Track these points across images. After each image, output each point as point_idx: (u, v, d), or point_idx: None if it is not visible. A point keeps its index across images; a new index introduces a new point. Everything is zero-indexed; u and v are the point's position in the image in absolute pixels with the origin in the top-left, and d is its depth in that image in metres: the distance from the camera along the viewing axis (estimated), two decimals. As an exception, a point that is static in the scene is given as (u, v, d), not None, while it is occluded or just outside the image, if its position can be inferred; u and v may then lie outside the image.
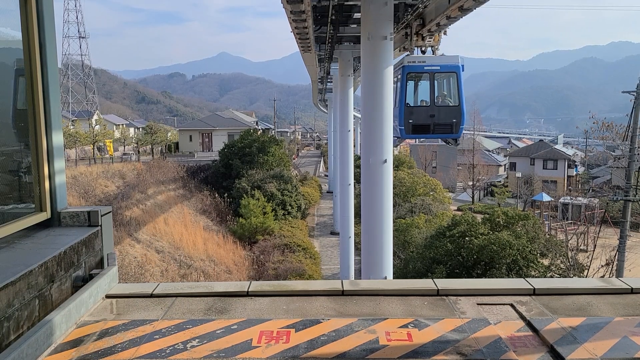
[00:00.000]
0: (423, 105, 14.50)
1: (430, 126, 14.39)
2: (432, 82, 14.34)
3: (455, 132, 14.52)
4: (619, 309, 4.64)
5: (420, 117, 14.30)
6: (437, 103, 14.44)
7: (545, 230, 30.72)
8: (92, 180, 32.54)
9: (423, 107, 14.46)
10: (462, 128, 14.55)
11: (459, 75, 14.41)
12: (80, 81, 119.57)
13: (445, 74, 14.64)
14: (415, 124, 14.26)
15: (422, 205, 37.54)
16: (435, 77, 14.39)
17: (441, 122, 14.32)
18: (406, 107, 14.20)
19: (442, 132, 14.70)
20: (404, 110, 14.15)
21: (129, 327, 4.30)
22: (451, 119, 14.27)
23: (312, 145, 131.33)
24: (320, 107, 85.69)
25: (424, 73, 14.44)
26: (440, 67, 14.50)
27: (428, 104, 14.38)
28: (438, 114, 14.31)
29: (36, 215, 4.78)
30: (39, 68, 4.65)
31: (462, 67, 14.47)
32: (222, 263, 28.03)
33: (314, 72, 42.07)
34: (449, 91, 14.81)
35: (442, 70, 14.51)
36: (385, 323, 4.37)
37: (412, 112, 14.30)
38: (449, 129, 14.43)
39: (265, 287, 5.19)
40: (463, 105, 14.40)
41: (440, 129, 14.46)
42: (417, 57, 15.19)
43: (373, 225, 13.75)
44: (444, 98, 14.68)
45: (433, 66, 14.45)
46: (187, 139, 63.87)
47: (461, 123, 14.38)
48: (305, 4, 16.09)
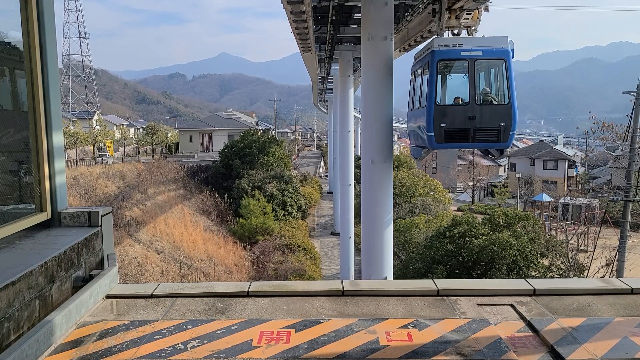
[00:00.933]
0: (459, 104, 11.10)
1: (470, 132, 10.83)
2: (472, 73, 10.85)
3: (504, 140, 10.99)
4: (619, 309, 4.64)
5: (457, 120, 10.83)
6: (478, 101, 10.97)
7: (545, 231, 30.73)
8: (93, 180, 32.53)
9: (460, 107, 11.03)
10: (513, 135, 11.07)
11: (508, 62, 10.91)
12: (80, 81, 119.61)
13: (490, 61, 11.18)
14: (449, 129, 10.78)
15: (422, 206, 37.54)
16: (476, 66, 10.89)
17: (485, 127, 10.87)
18: (437, 107, 10.77)
19: (485, 140, 11.11)
20: (433, 112, 10.73)
21: (129, 327, 4.30)
22: (498, 122, 10.84)
23: (312, 146, 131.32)
24: (320, 108, 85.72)
25: (461, 60, 10.95)
26: (482, 52, 10.88)
27: (466, 103, 10.94)
28: (480, 115, 10.83)
29: (36, 215, 4.78)
30: (39, 68, 4.65)
31: (512, 52, 10.96)
32: (223, 263, 28.03)
33: (314, 73, 42.09)
34: (495, 84, 11.50)
35: (485, 57, 10.95)
36: (386, 323, 4.37)
37: (445, 113, 10.86)
38: (495, 136, 10.95)
39: (266, 288, 5.19)
40: (514, 103, 10.95)
41: (484, 136, 10.95)
42: (450, 39, 11.51)
43: (373, 225, 13.75)
44: (488, 94, 11.30)
45: (473, 51, 10.86)
46: (187, 139, 63.89)
47: (512, 128, 10.91)
48: (306, 4, 16.11)
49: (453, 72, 11.78)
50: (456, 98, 11.23)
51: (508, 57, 10.92)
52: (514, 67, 11.12)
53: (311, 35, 22.76)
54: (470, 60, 10.85)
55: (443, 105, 11.05)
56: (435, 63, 10.82)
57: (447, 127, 10.81)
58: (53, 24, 4.85)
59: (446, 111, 10.96)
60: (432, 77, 10.83)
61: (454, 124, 10.88)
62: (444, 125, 10.79)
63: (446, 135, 10.84)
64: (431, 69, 10.86)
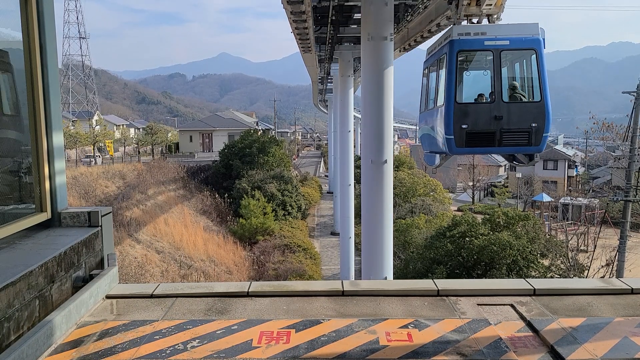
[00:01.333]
0: (483, 103, 9.67)
1: (496, 135, 9.39)
2: (498, 66, 9.39)
3: (536, 144, 9.51)
4: (619, 309, 4.64)
5: (480, 120, 9.42)
6: (505, 98, 9.50)
7: (545, 231, 30.73)
8: (93, 180, 32.53)
9: (484, 106, 9.59)
10: (547, 137, 9.58)
11: (540, 53, 9.41)
12: (80, 82, 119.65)
13: (519, 51, 9.72)
14: (471, 131, 9.35)
15: (422, 206, 37.55)
16: (502, 58, 9.44)
17: (513, 128, 9.43)
18: (457, 106, 9.36)
19: (514, 144, 9.61)
20: (453, 111, 9.34)
21: (129, 327, 4.30)
22: (528, 123, 9.40)
23: (312, 146, 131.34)
24: (320, 108, 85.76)
25: (485, 51, 9.51)
26: (510, 41, 9.39)
27: (491, 100, 9.48)
28: (508, 115, 9.40)
29: (36, 215, 4.78)
30: (39, 69, 4.65)
31: (543, 41, 9.49)
32: (223, 263, 28.03)
33: (314, 73, 42.10)
34: (525, 79, 10.03)
35: (513, 47, 9.47)
36: (386, 323, 4.38)
37: (467, 113, 9.44)
38: (525, 139, 9.48)
39: (266, 288, 5.19)
40: (547, 100, 9.48)
41: (512, 139, 9.49)
42: (471, 26, 9.91)
43: (373, 225, 13.76)
44: (516, 90, 9.80)
45: (499, 40, 9.37)
46: (187, 139, 63.92)
47: (545, 129, 9.45)
48: (306, 4, 16.11)
49: (475, 66, 10.38)
50: (479, 95, 9.83)
51: (539, 47, 9.42)
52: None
53: (311, 35, 22.77)
54: (495, 51, 9.35)
55: (464, 103, 9.57)
56: (454, 55, 9.34)
57: (469, 128, 9.36)
58: (53, 24, 4.85)
59: (468, 110, 9.50)
60: (451, 71, 9.35)
61: (477, 125, 9.43)
62: (466, 126, 9.36)
63: (468, 138, 9.39)
64: (449, 61, 9.39)
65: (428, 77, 11.13)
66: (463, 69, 9.94)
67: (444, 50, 9.77)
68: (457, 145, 9.47)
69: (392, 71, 13.56)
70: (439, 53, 10.15)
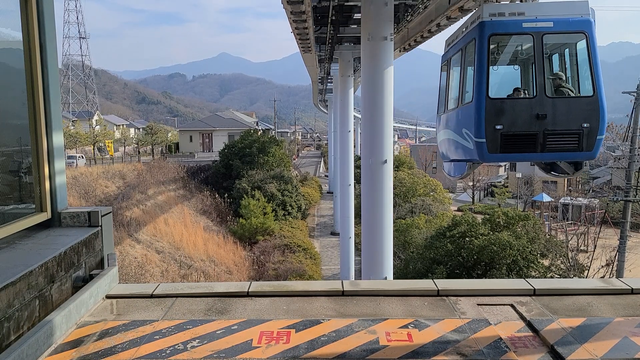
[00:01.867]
0: (522, 98, 8.06)
1: (538, 137, 7.61)
2: (540, 53, 7.69)
3: (588, 149, 7.73)
4: (619, 309, 4.64)
5: (519, 120, 7.67)
6: (549, 92, 7.75)
7: (545, 231, 30.73)
8: (93, 180, 32.54)
9: (523, 102, 7.88)
10: (601, 140, 7.83)
11: (591, 37, 7.72)
12: (80, 82, 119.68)
13: (565, 35, 8.00)
14: (508, 133, 7.61)
15: (422, 206, 37.55)
16: (544, 43, 7.72)
17: (560, 129, 7.66)
18: (490, 103, 7.63)
19: (560, 149, 7.79)
20: (485, 108, 7.64)
21: (129, 327, 4.30)
22: (579, 123, 7.64)
23: (312, 146, 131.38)
24: (320, 108, 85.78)
25: (523, 35, 7.86)
26: (554, 22, 7.71)
27: (532, 96, 7.80)
28: (553, 113, 7.65)
29: (36, 215, 4.78)
30: (39, 68, 4.65)
31: (593, 22, 7.85)
32: (223, 263, 28.03)
33: (314, 73, 42.11)
34: (573, 69, 8.32)
35: (558, 29, 7.78)
36: (386, 323, 4.38)
37: (503, 110, 7.70)
38: (574, 142, 7.70)
39: (266, 288, 5.19)
40: (602, 95, 7.74)
41: (559, 143, 7.72)
42: (505, 5, 8.21)
43: (373, 225, 13.76)
44: (563, 83, 8.06)
45: (541, 22, 7.69)
46: (187, 139, 63.93)
47: (600, 130, 7.73)
48: (306, 4, 16.12)
49: (511, 53, 8.78)
50: (516, 90, 8.26)
51: (590, 30, 7.72)
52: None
53: (311, 35, 22.78)
54: (536, 34, 7.66)
55: (499, 99, 7.83)
56: (485, 39, 7.64)
57: (504, 130, 7.58)
58: (53, 24, 4.85)
59: (503, 107, 7.72)
60: (482, 60, 7.63)
61: (515, 126, 7.64)
62: (501, 127, 7.58)
63: (504, 142, 7.59)
64: (480, 48, 7.68)
65: (449, 71, 9.40)
66: (496, 56, 8.43)
67: (472, 35, 8.03)
68: (490, 151, 7.66)
69: (392, 71, 13.55)
70: (464, 40, 8.41)
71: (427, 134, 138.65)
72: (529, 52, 8.16)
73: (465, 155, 8.61)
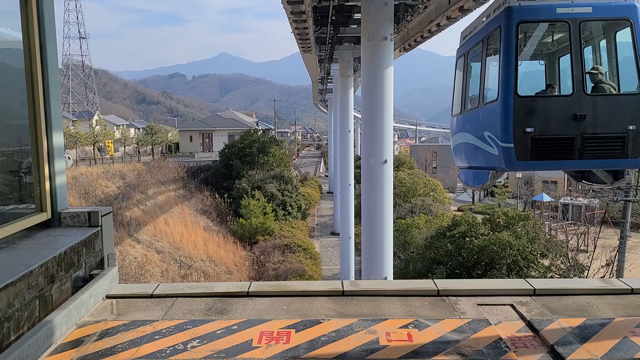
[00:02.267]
0: (557, 96, 7.16)
1: (576, 142, 6.49)
2: (577, 43, 6.56)
3: (635, 155, 6.61)
4: (619, 309, 4.64)
5: (553, 121, 6.52)
6: (588, 89, 6.60)
7: (545, 231, 30.72)
8: (93, 180, 32.54)
9: (558, 100, 6.85)
10: None
11: (637, 24, 6.63)
12: (80, 82, 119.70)
13: (606, 22, 6.97)
14: (541, 136, 6.48)
15: (422, 206, 37.55)
16: (582, 31, 6.62)
17: (602, 133, 6.53)
18: (519, 101, 6.54)
19: (602, 155, 6.67)
20: (513, 108, 6.54)
21: (129, 327, 4.30)
22: (624, 124, 6.55)
23: (312, 146, 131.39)
24: (320, 108, 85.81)
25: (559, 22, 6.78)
26: (593, 8, 6.69)
27: (568, 93, 6.68)
28: (594, 113, 6.52)
29: (36, 215, 4.78)
30: (39, 69, 4.65)
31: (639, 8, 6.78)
32: (223, 263, 28.03)
33: (314, 73, 42.13)
34: (612, 63, 7.19)
35: (598, 16, 6.75)
36: (386, 323, 4.37)
37: (534, 110, 6.57)
38: (618, 148, 6.60)
39: (266, 288, 5.19)
40: None
41: (600, 148, 6.59)
42: None
43: (373, 225, 13.76)
44: (604, 78, 6.91)
45: (577, 7, 6.62)
46: (187, 139, 63.94)
47: None
48: (306, 4, 16.12)
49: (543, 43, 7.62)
50: (549, 86, 7.40)
51: (636, 16, 6.61)
52: None
53: (311, 35, 22.79)
54: (572, 21, 6.53)
55: (529, 97, 6.73)
56: (513, 27, 6.51)
57: (536, 133, 6.43)
58: (53, 24, 4.85)
59: (534, 107, 6.56)
60: (509, 51, 6.52)
61: (549, 128, 6.49)
62: (532, 130, 6.44)
63: (535, 148, 6.46)
64: (506, 37, 6.56)
65: (466, 67, 8.34)
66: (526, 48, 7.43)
67: (496, 23, 6.90)
68: (519, 158, 6.50)
69: (392, 71, 13.56)
70: (486, 29, 7.27)
71: (427, 134, 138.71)
72: (564, 41, 7.04)
73: (487, 163, 7.39)
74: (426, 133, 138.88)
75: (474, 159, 8.01)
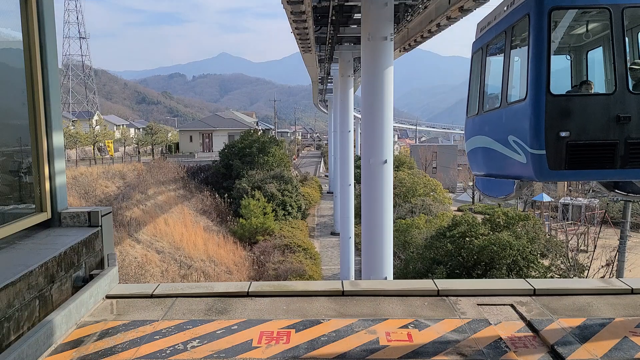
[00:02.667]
0: (596, 94, 6.16)
1: (619, 148, 5.61)
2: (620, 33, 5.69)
3: None
4: (619, 309, 4.64)
5: (592, 124, 5.67)
6: (632, 87, 5.71)
7: (545, 231, 30.72)
8: (93, 180, 32.55)
9: (597, 99, 5.86)
10: None
11: None
12: (80, 82, 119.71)
13: None
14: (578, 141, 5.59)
15: (422, 206, 37.55)
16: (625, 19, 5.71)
17: None
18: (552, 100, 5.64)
19: None
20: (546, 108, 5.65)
21: (129, 327, 4.30)
22: None
23: (312, 146, 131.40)
24: (320, 108, 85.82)
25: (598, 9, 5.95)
26: None
27: (610, 91, 5.77)
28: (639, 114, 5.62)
29: (36, 215, 4.78)
30: (39, 69, 4.65)
31: None
32: (223, 263, 28.03)
33: (314, 73, 42.12)
34: None
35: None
36: (386, 323, 4.37)
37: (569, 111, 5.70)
38: None
39: (266, 288, 5.19)
40: None
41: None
42: None
43: (373, 225, 13.76)
44: None
45: None
46: (187, 139, 63.96)
47: None
48: (306, 4, 16.12)
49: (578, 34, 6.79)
50: (585, 83, 6.43)
51: None
52: None
53: (311, 35, 22.79)
54: (614, 7, 5.67)
55: (564, 96, 5.92)
56: (545, 15, 5.61)
57: (572, 138, 5.55)
58: (53, 24, 4.85)
59: (570, 107, 5.68)
60: (540, 44, 5.61)
61: (587, 132, 5.62)
62: (567, 134, 5.55)
63: (571, 155, 5.57)
64: (537, 27, 5.65)
65: (484, 62, 7.35)
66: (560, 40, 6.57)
67: (523, 10, 6.06)
68: (552, 167, 5.60)
69: (392, 71, 13.56)
70: (511, 18, 6.35)
71: (427, 134, 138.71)
72: (603, 31, 6.30)
73: (512, 171, 6.46)
74: (426, 133, 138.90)
75: (494, 167, 7.08)
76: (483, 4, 15.60)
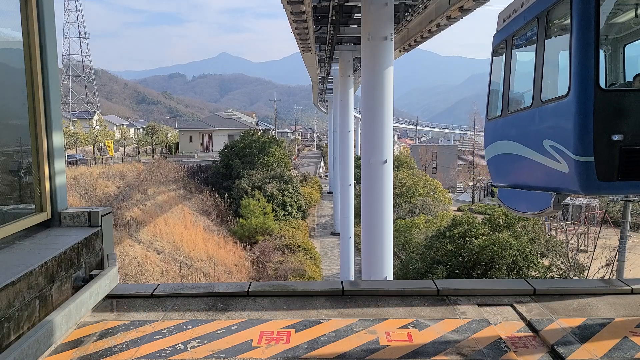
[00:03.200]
0: None
1: None
2: None
3: None
4: (619, 309, 4.64)
5: None
6: None
7: (545, 231, 30.72)
8: (93, 180, 32.55)
9: None
10: None
11: None
12: (80, 82, 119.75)
13: None
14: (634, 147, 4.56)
15: (422, 206, 37.54)
16: None
17: None
18: (601, 96, 4.57)
19: None
20: (594, 107, 4.55)
21: (129, 327, 4.30)
22: None
23: (312, 146, 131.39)
24: (320, 108, 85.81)
25: None
26: None
27: None
28: None
29: (37, 215, 4.78)
30: (39, 69, 4.65)
31: None
32: (223, 263, 28.03)
33: (314, 73, 42.12)
34: None
35: None
36: (386, 323, 4.37)
37: (623, 110, 4.60)
38: None
39: (266, 288, 5.19)
40: None
41: None
42: None
43: (373, 225, 13.76)
44: None
45: None
46: (187, 139, 63.99)
47: None
48: (306, 4, 16.12)
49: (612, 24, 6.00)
50: (637, 77, 5.45)
51: None
52: None
53: (311, 35, 22.79)
54: None
55: (618, 91, 5.17)
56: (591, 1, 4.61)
57: (627, 142, 4.60)
58: (53, 24, 4.85)
59: (624, 105, 4.65)
60: (587, 29, 4.61)
61: None
62: (620, 137, 4.59)
63: (626, 163, 4.65)
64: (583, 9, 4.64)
65: (509, 56, 6.34)
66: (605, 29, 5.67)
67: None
68: (602, 177, 4.67)
69: (392, 71, 13.56)
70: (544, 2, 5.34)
71: (427, 134, 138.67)
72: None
73: (548, 182, 5.49)
74: (426, 133, 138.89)
75: (524, 177, 6.11)
76: (483, 4, 15.62)
